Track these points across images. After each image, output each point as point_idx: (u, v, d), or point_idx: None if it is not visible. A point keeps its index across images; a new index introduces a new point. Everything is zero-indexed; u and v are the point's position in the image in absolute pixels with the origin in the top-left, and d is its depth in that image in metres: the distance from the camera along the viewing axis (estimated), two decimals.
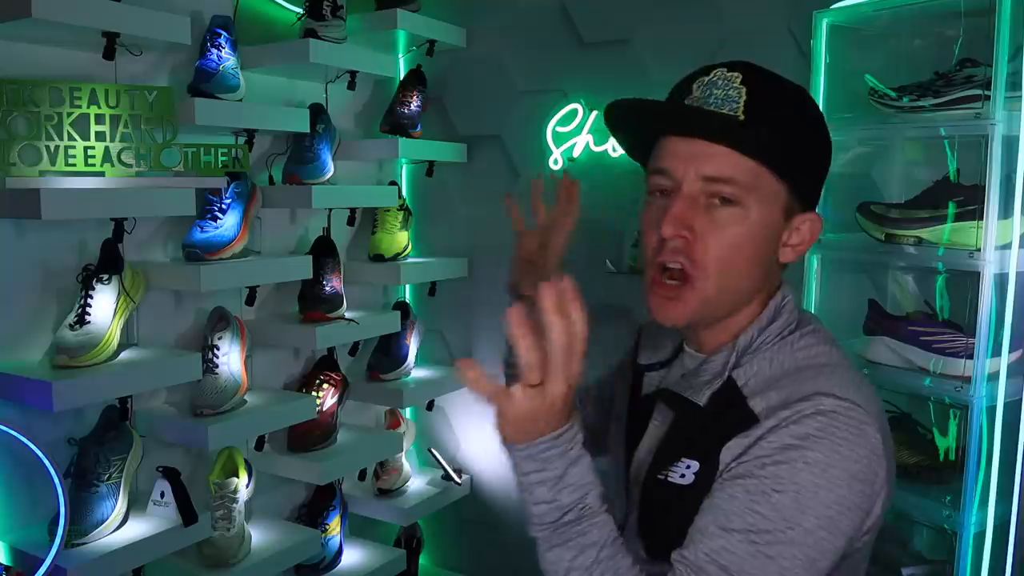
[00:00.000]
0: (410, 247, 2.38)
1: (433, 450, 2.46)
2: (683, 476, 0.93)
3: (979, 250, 1.47)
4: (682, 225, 0.91)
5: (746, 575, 0.83)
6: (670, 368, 1.07)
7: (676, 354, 1.07)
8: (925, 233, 1.58)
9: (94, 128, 1.55)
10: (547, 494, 0.87)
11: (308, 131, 2.01)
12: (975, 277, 1.49)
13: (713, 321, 0.97)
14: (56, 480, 1.43)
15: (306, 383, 2.14)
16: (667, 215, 0.91)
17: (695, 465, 0.92)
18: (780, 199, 0.93)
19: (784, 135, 0.92)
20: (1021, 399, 1.53)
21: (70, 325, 1.58)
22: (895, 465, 0.93)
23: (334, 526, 2.15)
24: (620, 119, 0.99)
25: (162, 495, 1.69)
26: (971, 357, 1.51)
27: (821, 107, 1.75)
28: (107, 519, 1.57)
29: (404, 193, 2.48)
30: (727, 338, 0.98)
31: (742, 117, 0.90)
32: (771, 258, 0.96)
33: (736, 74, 0.91)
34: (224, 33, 1.83)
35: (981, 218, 1.47)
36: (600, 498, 0.89)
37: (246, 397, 1.90)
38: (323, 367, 2.17)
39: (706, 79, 0.93)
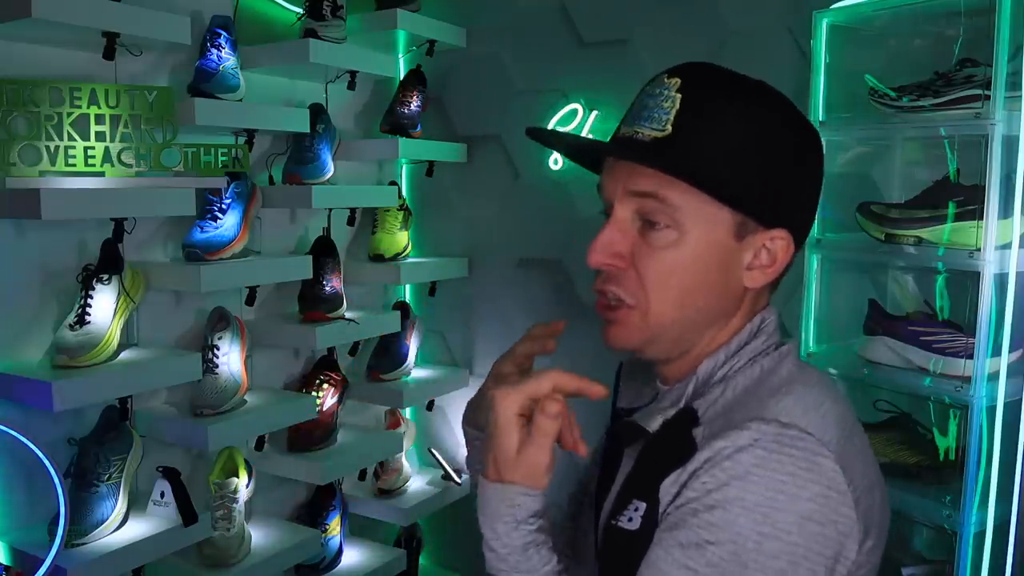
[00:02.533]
0: (410, 247, 2.38)
1: (433, 450, 2.46)
2: (631, 520, 0.82)
3: (979, 250, 1.47)
4: (610, 252, 0.84)
5: None
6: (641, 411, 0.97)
7: (654, 398, 0.96)
8: (925, 233, 1.58)
9: (94, 128, 1.55)
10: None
11: (308, 131, 2.01)
12: (975, 277, 1.49)
13: (674, 353, 0.89)
14: (56, 480, 1.43)
15: (306, 383, 2.14)
16: (593, 242, 0.84)
17: (642, 507, 0.81)
18: (724, 219, 0.83)
19: (718, 149, 0.81)
20: (1021, 399, 1.53)
21: (70, 325, 1.58)
22: (886, 497, 0.83)
23: (334, 526, 2.15)
24: (567, 152, 0.98)
25: (162, 495, 1.69)
26: (971, 357, 1.51)
27: (821, 107, 1.76)
28: (107, 519, 1.57)
29: (404, 193, 2.48)
30: (691, 369, 0.89)
31: (668, 131, 0.81)
32: (728, 283, 0.85)
33: (675, 80, 0.83)
34: (224, 33, 1.83)
35: (981, 218, 1.47)
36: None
37: (246, 397, 1.90)
38: (323, 367, 2.17)
39: (650, 87, 0.85)
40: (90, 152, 1.55)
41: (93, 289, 1.60)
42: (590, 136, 2.23)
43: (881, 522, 0.80)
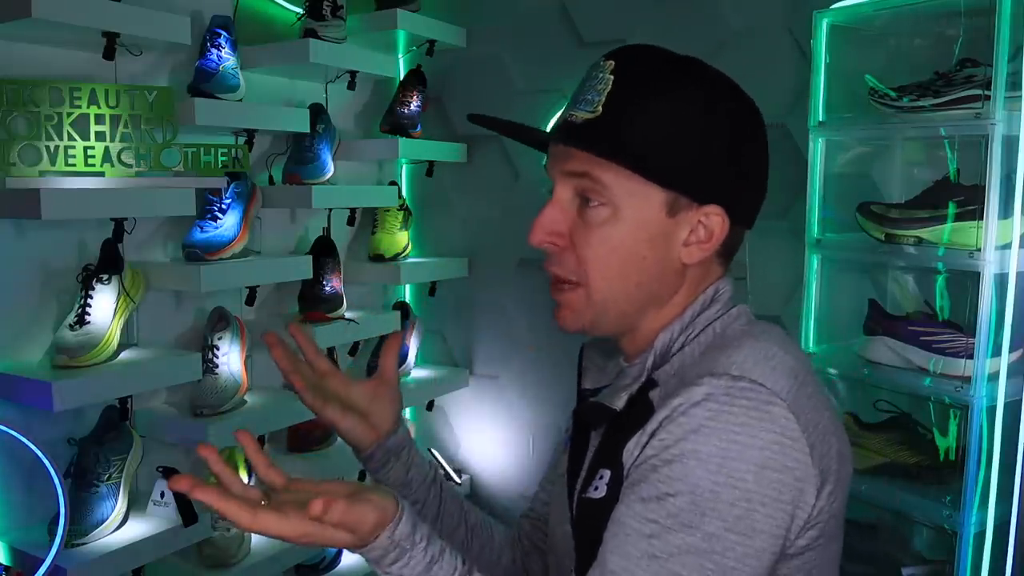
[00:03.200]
0: (410, 247, 2.38)
1: (433, 450, 2.46)
2: (597, 489, 0.85)
3: (979, 250, 1.47)
4: (549, 231, 0.87)
5: None
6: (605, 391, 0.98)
7: (618, 376, 0.97)
8: (925, 233, 1.58)
9: (94, 128, 1.55)
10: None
11: (308, 131, 2.01)
12: (975, 277, 1.49)
13: (623, 328, 0.91)
14: (56, 480, 1.43)
15: None
16: (535, 221, 0.87)
17: (607, 474, 0.84)
18: (654, 197, 0.84)
19: (645, 128, 0.83)
20: (1021, 399, 1.53)
21: (70, 325, 1.58)
22: (845, 446, 0.86)
23: None
24: (516, 137, 0.98)
25: (162, 495, 1.69)
26: (971, 357, 1.51)
27: (821, 107, 1.76)
28: (107, 519, 1.57)
29: (404, 193, 2.48)
30: (647, 343, 0.90)
31: (598, 112, 0.83)
32: (665, 258, 0.87)
33: (610, 63, 0.85)
34: (224, 33, 1.83)
35: (981, 218, 1.47)
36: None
37: (246, 397, 1.90)
38: None
39: (590, 71, 0.87)
40: (90, 152, 1.55)
41: (93, 289, 1.60)
42: None
43: (839, 469, 0.83)
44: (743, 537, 0.74)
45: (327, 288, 2.06)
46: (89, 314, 1.58)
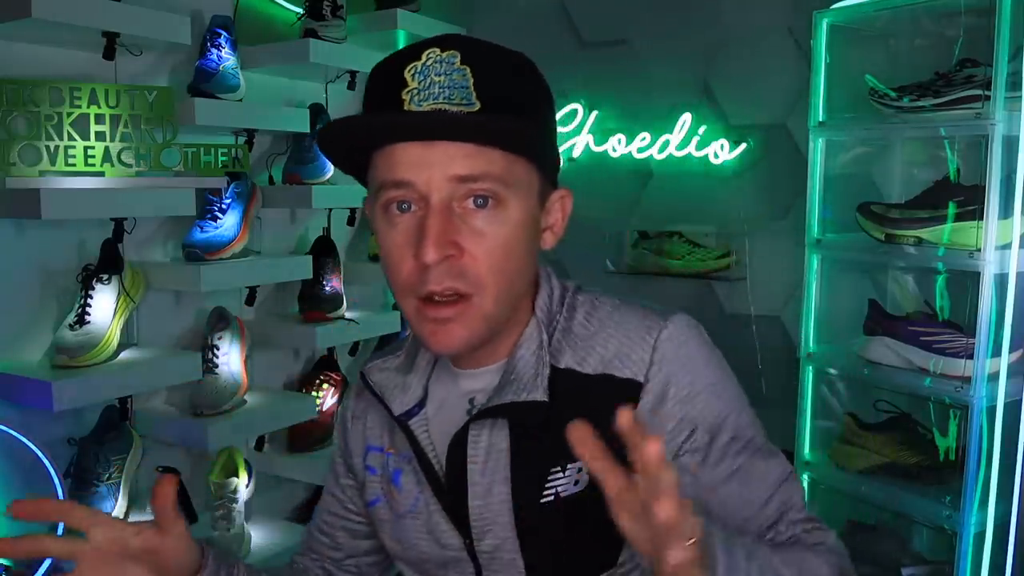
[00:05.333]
0: None
1: None
2: (577, 483, 0.84)
3: (979, 250, 1.47)
4: (445, 244, 0.77)
5: (793, 490, 0.86)
6: (425, 407, 0.92)
7: (425, 390, 0.92)
8: (925, 233, 1.58)
9: (94, 128, 1.55)
10: None
11: (308, 131, 2.01)
12: (975, 277, 1.49)
13: (492, 335, 0.85)
14: (56, 480, 1.43)
15: (306, 383, 2.14)
16: (424, 236, 0.77)
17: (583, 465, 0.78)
18: (534, 184, 0.83)
19: (522, 111, 0.81)
20: (1021, 399, 1.53)
21: (70, 325, 1.58)
22: None
23: None
24: (331, 137, 0.83)
25: None
26: (971, 357, 1.51)
27: (821, 107, 1.76)
28: None
29: None
30: (510, 341, 0.88)
31: (477, 105, 0.78)
32: (535, 249, 0.86)
33: (452, 53, 0.78)
34: (224, 33, 1.83)
35: (981, 218, 1.47)
36: None
37: (246, 397, 1.90)
38: (323, 367, 2.17)
39: (419, 64, 0.78)
40: (90, 152, 1.55)
41: (93, 289, 1.60)
42: (591, 136, 2.23)
43: None
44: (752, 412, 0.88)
45: (327, 288, 2.06)
46: (89, 314, 1.58)
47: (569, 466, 0.84)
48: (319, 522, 1.08)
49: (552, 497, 0.84)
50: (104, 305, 1.60)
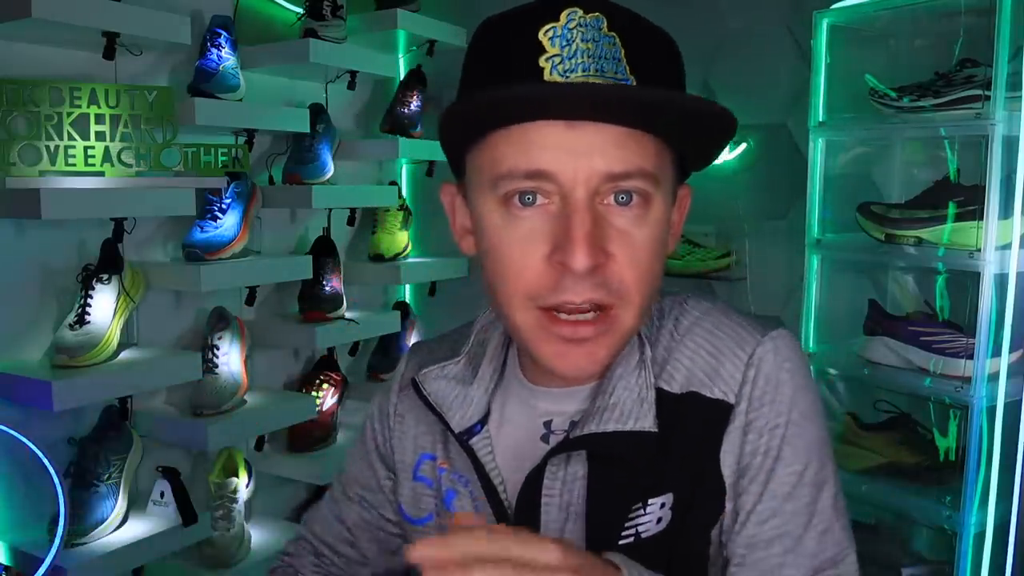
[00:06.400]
0: (410, 247, 2.38)
1: None
2: (659, 520, 0.72)
3: (979, 250, 1.47)
4: (597, 250, 0.65)
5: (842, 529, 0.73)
6: (487, 424, 0.79)
7: (488, 402, 0.80)
8: (925, 233, 1.58)
9: (94, 128, 1.55)
10: None
11: (308, 131, 2.01)
12: (975, 277, 1.49)
13: None
14: (56, 480, 1.43)
15: (306, 383, 2.14)
16: (572, 240, 0.64)
17: (668, 498, 0.72)
18: (673, 178, 0.71)
19: (679, 87, 0.70)
20: (1021, 399, 1.53)
21: (70, 325, 1.58)
22: None
23: None
24: (462, 114, 0.68)
25: (162, 495, 1.69)
26: (971, 357, 1.51)
27: (821, 107, 1.76)
28: (107, 519, 1.57)
29: (404, 193, 2.47)
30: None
31: (633, 82, 0.65)
32: (667, 251, 0.73)
33: (598, 16, 0.65)
34: (224, 33, 1.83)
35: (981, 218, 1.47)
36: None
37: (246, 397, 1.90)
38: (323, 367, 2.17)
39: (559, 27, 0.64)
40: (90, 152, 1.55)
41: (93, 289, 1.60)
42: None
43: None
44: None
45: (327, 288, 2.06)
46: (89, 314, 1.58)
47: (651, 501, 0.73)
48: (340, 529, 0.95)
49: (632, 538, 0.73)
50: (104, 305, 1.60)
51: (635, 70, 0.65)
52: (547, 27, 0.64)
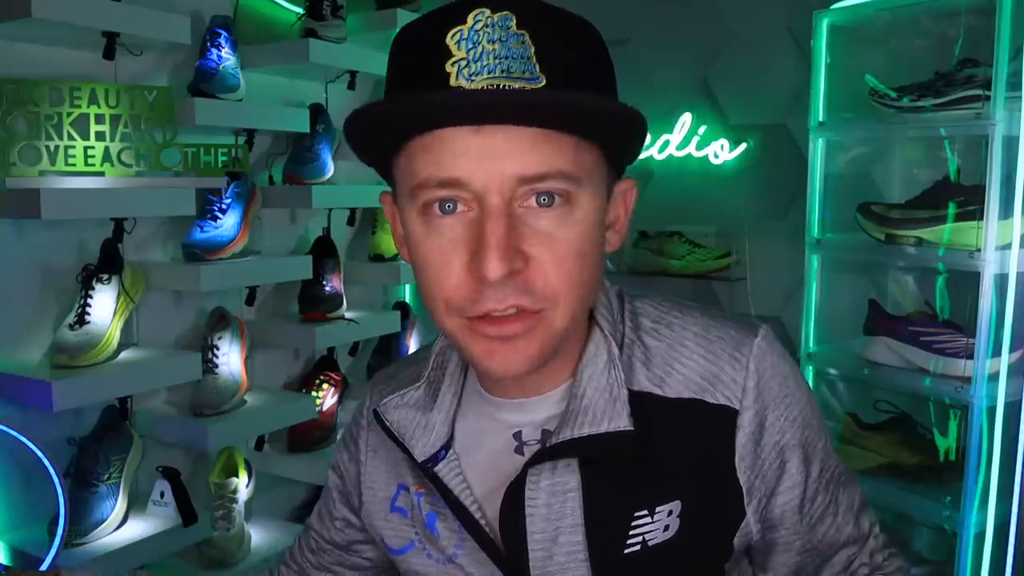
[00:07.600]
0: None
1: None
2: (667, 528, 0.72)
3: (979, 250, 1.47)
4: (511, 256, 0.63)
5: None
6: (453, 447, 0.78)
7: (451, 428, 0.79)
8: (925, 233, 1.58)
9: (94, 128, 1.55)
10: None
11: (308, 131, 2.01)
12: (975, 277, 1.49)
13: (555, 355, 0.71)
14: (56, 480, 1.43)
15: (306, 383, 2.14)
16: (484, 246, 0.62)
17: (676, 506, 0.72)
18: (603, 174, 0.68)
19: (597, 87, 0.66)
20: (1021, 399, 1.53)
21: (70, 325, 1.58)
22: None
23: None
24: (364, 125, 0.67)
25: (162, 495, 1.69)
26: (971, 357, 1.51)
27: (821, 107, 1.77)
28: (107, 519, 1.57)
29: None
30: (568, 363, 0.74)
31: (542, 80, 0.62)
32: (601, 252, 0.71)
33: (506, 14, 0.62)
34: (224, 33, 1.83)
35: (981, 218, 1.47)
36: None
37: (246, 397, 1.90)
38: (323, 367, 2.17)
39: (466, 29, 0.62)
40: (90, 152, 1.55)
41: (93, 289, 1.60)
42: None
43: None
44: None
45: (327, 288, 2.06)
46: (89, 314, 1.58)
47: (658, 508, 0.72)
48: (314, 560, 0.97)
49: (639, 546, 0.72)
50: (104, 305, 1.60)
51: (545, 68, 0.62)
52: (454, 30, 0.62)
